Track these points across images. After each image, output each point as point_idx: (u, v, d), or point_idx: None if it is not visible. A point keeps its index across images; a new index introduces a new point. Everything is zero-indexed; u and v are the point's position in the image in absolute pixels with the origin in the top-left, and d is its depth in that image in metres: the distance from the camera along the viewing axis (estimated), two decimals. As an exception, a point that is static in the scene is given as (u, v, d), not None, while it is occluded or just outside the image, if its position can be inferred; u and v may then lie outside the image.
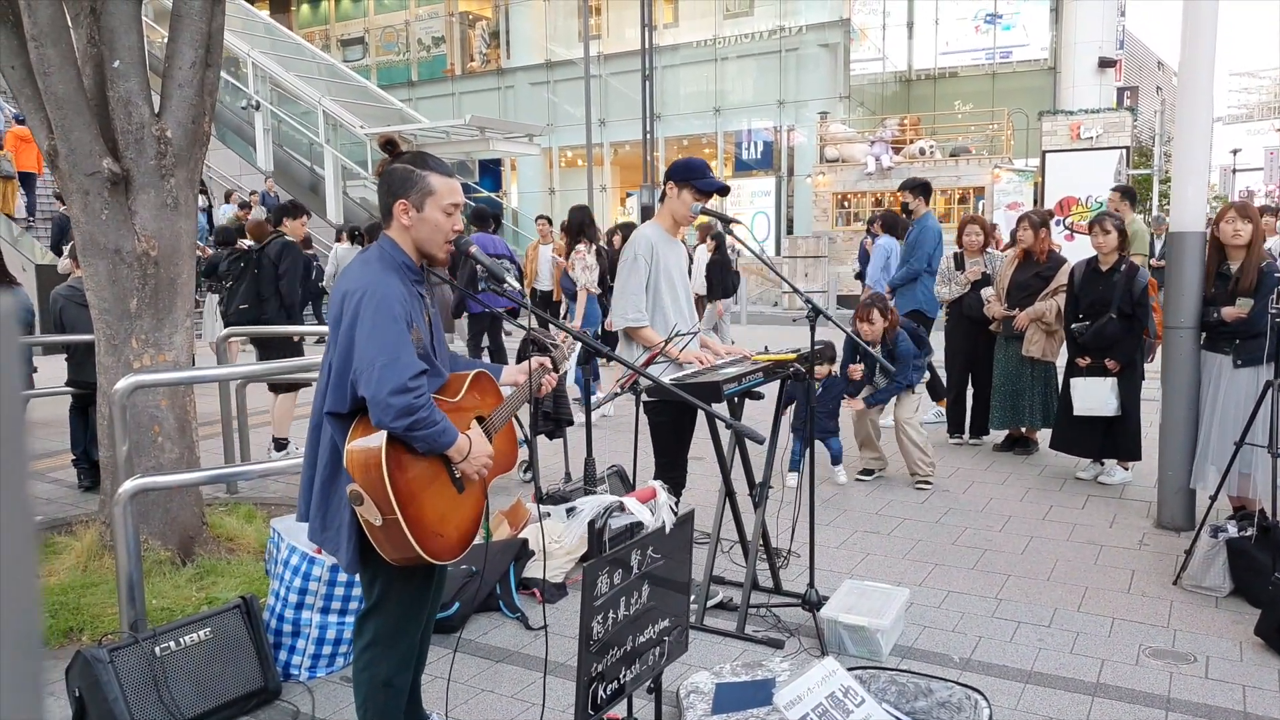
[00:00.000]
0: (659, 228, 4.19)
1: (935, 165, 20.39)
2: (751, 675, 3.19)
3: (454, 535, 2.42)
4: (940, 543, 4.89)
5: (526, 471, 6.00)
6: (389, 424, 2.25)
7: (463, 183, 13.90)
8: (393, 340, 2.27)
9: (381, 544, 2.33)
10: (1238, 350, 4.66)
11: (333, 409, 2.36)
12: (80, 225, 4.27)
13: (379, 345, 2.26)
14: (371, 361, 2.26)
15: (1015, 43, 27.02)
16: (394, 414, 2.23)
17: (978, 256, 6.88)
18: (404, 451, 2.31)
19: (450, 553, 2.41)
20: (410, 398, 2.24)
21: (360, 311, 2.30)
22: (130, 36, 4.19)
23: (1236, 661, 3.53)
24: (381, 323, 2.28)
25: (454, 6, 30.85)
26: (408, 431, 2.26)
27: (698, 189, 4.06)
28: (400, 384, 2.23)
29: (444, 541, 2.38)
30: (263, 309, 6.57)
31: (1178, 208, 4.98)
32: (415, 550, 2.30)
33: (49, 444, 7.24)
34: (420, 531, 2.30)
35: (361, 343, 2.28)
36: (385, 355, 2.25)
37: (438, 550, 2.35)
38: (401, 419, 2.24)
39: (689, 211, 4.11)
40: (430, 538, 2.33)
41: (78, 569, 4.19)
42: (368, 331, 2.28)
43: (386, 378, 2.23)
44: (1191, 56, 4.84)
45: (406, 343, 2.31)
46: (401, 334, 2.30)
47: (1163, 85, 46.05)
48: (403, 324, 2.32)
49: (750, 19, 26.69)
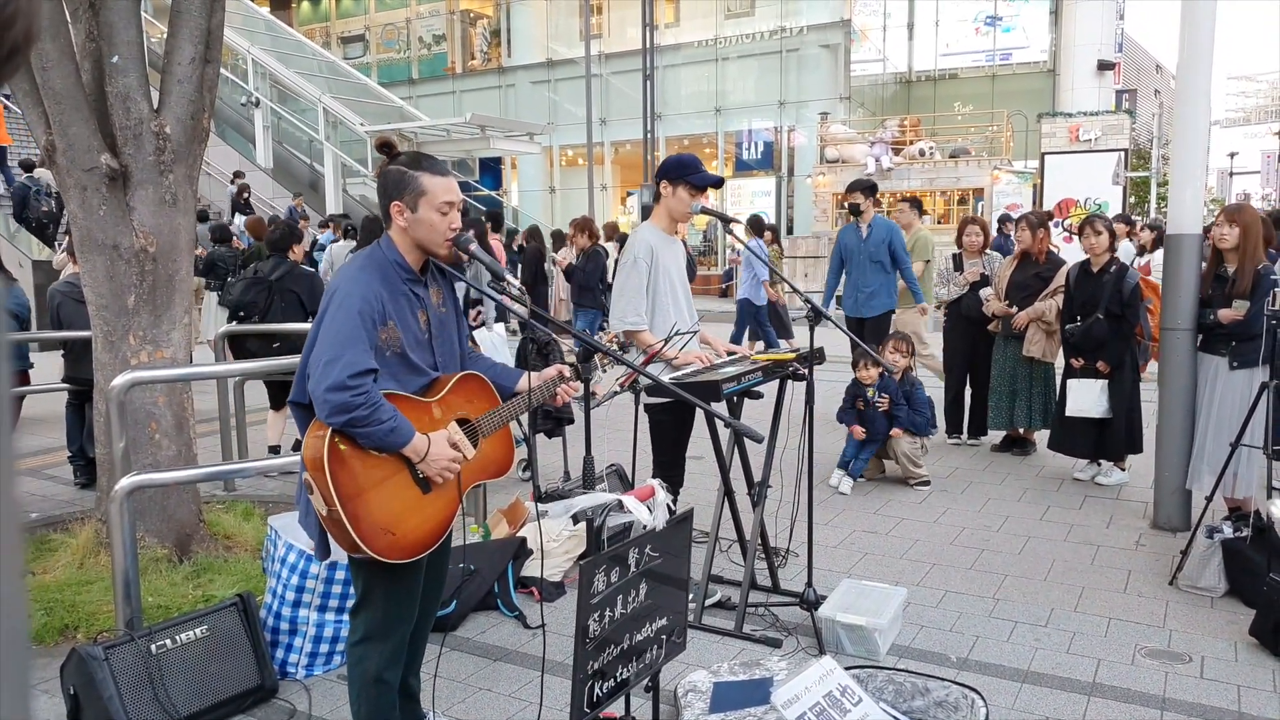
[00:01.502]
0: (656, 229, 4.18)
1: (935, 166, 20.41)
2: (749, 674, 3.19)
3: (411, 535, 2.40)
4: (938, 542, 4.89)
5: (526, 470, 6.00)
6: (326, 419, 2.29)
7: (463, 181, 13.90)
8: (342, 338, 2.31)
9: (333, 534, 2.37)
10: (1234, 352, 4.66)
11: (294, 399, 2.44)
12: (78, 221, 4.26)
13: (328, 342, 2.32)
14: (318, 358, 2.31)
15: (1015, 45, 27.05)
16: (329, 410, 2.27)
17: (976, 258, 6.88)
18: (353, 447, 2.32)
19: (403, 552, 2.39)
20: (347, 395, 2.26)
21: (326, 309, 2.37)
22: (129, 32, 4.18)
23: (1232, 661, 3.54)
24: (336, 320, 2.33)
25: (455, 4, 30.84)
26: (348, 427, 2.29)
27: (693, 184, 4.05)
28: (338, 381, 2.26)
29: (394, 540, 2.36)
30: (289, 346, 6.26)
31: (1175, 211, 4.98)
32: (359, 546, 2.31)
33: (45, 440, 7.23)
34: (363, 528, 2.30)
35: (319, 339, 2.35)
36: (330, 352, 2.30)
37: (385, 549, 2.34)
38: (337, 415, 2.27)
39: (687, 209, 4.10)
40: (377, 535, 2.33)
41: (74, 566, 4.17)
42: (324, 328, 2.35)
43: (326, 374, 2.28)
44: (1189, 60, 4.84)
45: (357, 341, 2.32)
46: (354, 332, 2.32)
47: (1161, 88, 46.12)
48: (362, 321, 2.34)
49: (751, 19, 26.68)
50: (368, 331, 2.34)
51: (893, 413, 5.85)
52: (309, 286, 6.23)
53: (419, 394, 2.47)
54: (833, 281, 7.64)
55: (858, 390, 5.96)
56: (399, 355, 2.42)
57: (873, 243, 7.32)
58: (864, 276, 7.34)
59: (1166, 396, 4.96)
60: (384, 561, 2.36)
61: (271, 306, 6.15)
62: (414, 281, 2.50)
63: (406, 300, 2.47)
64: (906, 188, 20.26)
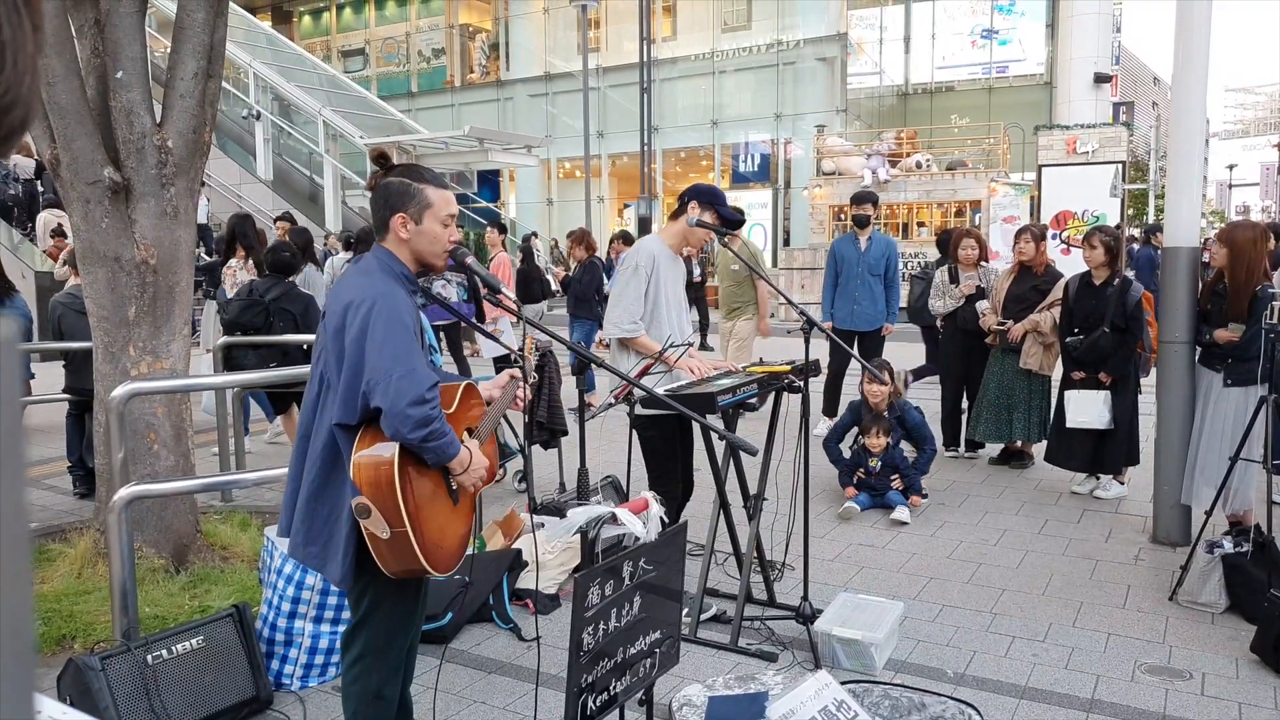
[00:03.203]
0: (663, 243, 4.20)
1: (932, 179, 20.45)
2: (744, 688, 3.19)
3: (452, 546, 2.43)
4: (935, 556, 4.89)
5: (521, 482, 6.00)
6: (406, 435, 2.23)
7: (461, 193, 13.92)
8: (406, 351, 2.27)
9: (384, 556, 2.31)
10: (1229, 370, 4.67)
11: (341, 420, 2.32)
12: (80, 233, 4.28)
13: (393, 356, 2.25)
14: (388, 373, 2.24)
15: (1012, 58, 27.16)
16: (412, 425, 2.22)
17: (972, 270, 6.90)
18: (413, 463, 2.30)
19: (448, 564, 2.41)
20: (427, 409, 2.24)
21: (370, 322, 2.28)
22: (134, 47, 4.22)
23: (1232, 678, 3.53)
24: (394, 333, 2.27)
25: (454, 19, 31.00)
26: (424, 442, 2.25)
27: (721, 216, 4.09)
28: (418, 395, 2.23)
29: (443, 553, 2.39)
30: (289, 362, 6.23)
31: (1171, 224, 4.99)
32: (420, 563, 2.29)
33: (45, 450, 7.23)
34: (425, 544, 2.30)
35: (373, 354, 2.26)
36: (401, 366, 2.24)
37: (438, 562, 2.36)
38: (419, 430, 2.23)
39: (703, 236, 4.13)
40: (433, 549, 2.33)
41: (72, 576, 4.18)
42: (379, 342, 2.26)
43: (404, 389, 2.22)
44: (1184, 73, 4.87)
45: (419, 353, 2.32)
46: (413, 345, 2.30)
47: (1158, 100, 46.28)
48: (413, 334, 2.33)
49: (748, 33, 26.82)
50: (416, 343, 2.34)
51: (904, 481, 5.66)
52: (304, 307, 6.21)
53: None
54: (830, 295, 7.65)
55: (860, 460, 5.77)
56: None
57: (872, 256, 7.38)
58: (861, 289, 7.37)
59: (1164, 410, 4.97)
60: (389, 576, 2.36)
61: (269, 327, 6.11)
62: (415, 293, 2.52)
63: (416, 312, 2.49)
64: (903, 200, 20.34)
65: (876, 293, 7.38)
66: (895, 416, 5.84)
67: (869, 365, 4.97)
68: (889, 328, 7.54)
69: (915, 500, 5.63)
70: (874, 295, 7.38)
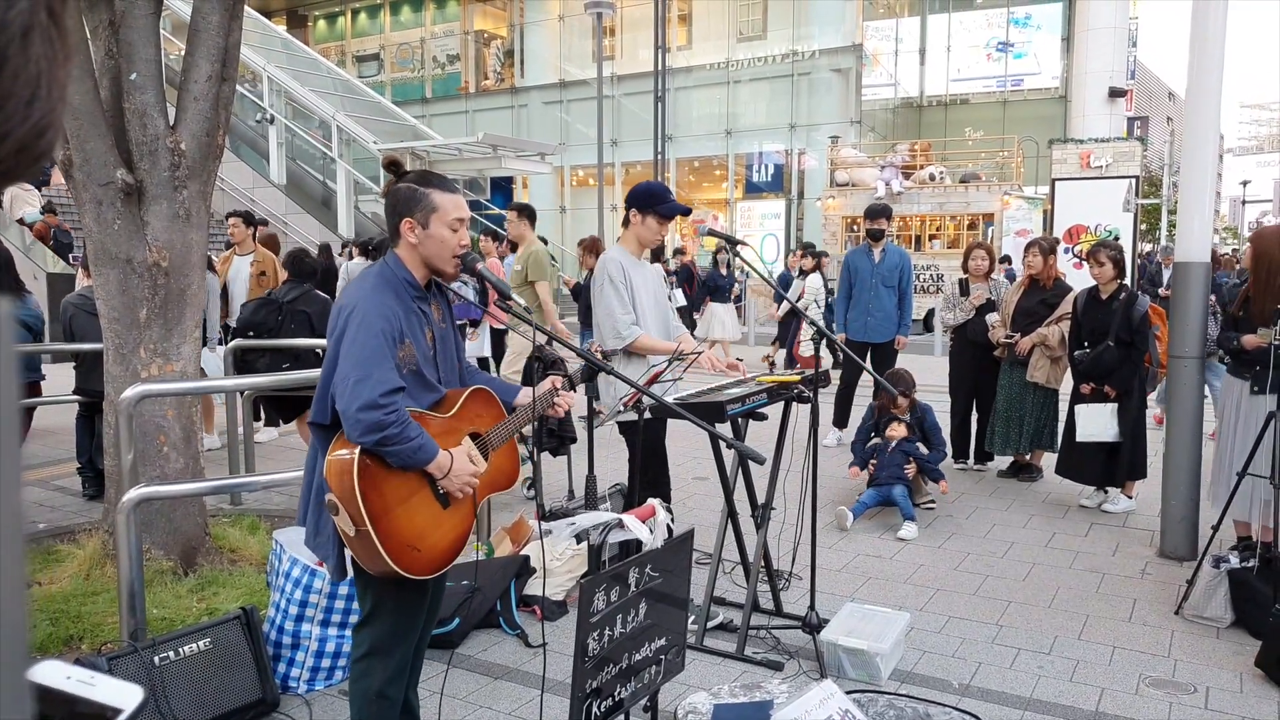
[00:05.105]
0: (625, 251, 4.29)
1: (945, 191, 20.44)
2: (750, 696, 3.19)
3: (433, 551, 2.42)
4: (942, 568, 4.88)
5: (530, 488, 6.01)
6: (358, 438, 2.28)
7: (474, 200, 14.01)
8: (369, 356, 2.31)
9: (358, 554, 2.36)
10: (1256, 377, 4.61)
11: (314, 419, 2.43)
12: (92, 235, 4.31)
13: (354, 360, 2.31)
14: (346, 376, 2.31)
15: (1026, 71, 27.17)
16: (362, 429, 2.27)
17: (982, 282, 6.89)
18: (379, 465, 2.33)
19: (426, 568, 2.41)
20: (380, 414, 2.26)
21: (347, 327, 2.36)
22: (148, 50, 4.25)
23: (1237, 693, 3.51)
24: (361, 338, 2.33)
25: (469, 25, 31.15)
26: (379, 446, 2.29)
27: (660, 215, 4.17)
28: (370, 400, 2.26)
29: (419, 557, 2.38)
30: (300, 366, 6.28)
31: (1183, 239, 4.99)
32: (387, 563, 2.31)
33: (55, 451, 7.27)
34: (393, 545, 2.31)
35: (342, 357, 2.34)
36: (359, 371, 2.29)
37: (412, 565, 2.36)
38: (370, 434, 2.27)
39: (655, 236, 4.24)
40: (404, 552, 2.34)
41: (80, 577, 4.20)
42: (348, 346, 2.34)
43: (358, 393, 2.27)
44: (1198, 89, 4.86)
45: (384, 359, 2.33)
46: (379, 350, 2.33)
47: (1173, 116, 46.13)
48: (385, 340, 2.35)
49: (763, 43, 26.87)
50: (390, 350, 2.35)
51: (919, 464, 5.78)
52: (320, 309, 6.26)
53: (432, 410, 2.49)
54: (844, 307, 7.64)
55: (874, 452, 5.86)
56: (414, 373, 2.44)
57: (886, 267, 7.40)
58: (875, 301, 7.39)
59: (1173, 424, 4.95)
60: (398, 577, 2.37)
61: (282, 328, 6.17)
62: (421, 299, 2.53)
63: (416, 318, 2.49)
64: (916, 212, 20.33)
65: (890, 305, 7.39)
66: (916, 418, 5.91)
67: (885, 383, 4.95)
68: (902, 340, 7.54)
69: (944, 486, 5.82)
70: (887, 307, 7.39)
